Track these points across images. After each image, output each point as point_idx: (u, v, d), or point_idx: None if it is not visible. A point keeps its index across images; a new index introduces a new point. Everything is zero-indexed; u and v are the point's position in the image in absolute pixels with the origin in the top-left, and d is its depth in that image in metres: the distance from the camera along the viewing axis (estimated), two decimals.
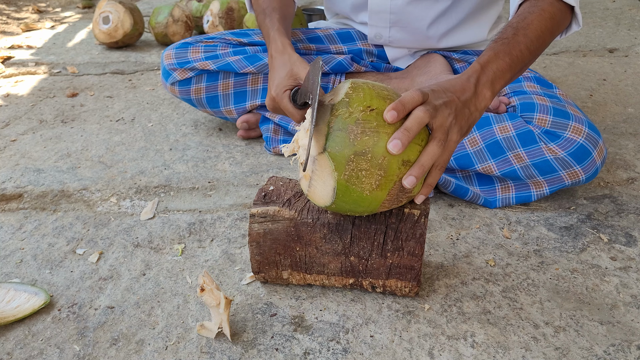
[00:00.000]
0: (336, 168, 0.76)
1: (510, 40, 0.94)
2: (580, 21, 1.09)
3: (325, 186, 0.79)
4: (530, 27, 0.97)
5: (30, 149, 1.49)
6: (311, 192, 0.82)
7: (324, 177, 0.79)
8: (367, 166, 0.76)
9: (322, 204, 0.81)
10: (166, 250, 1.07)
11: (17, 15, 3.18)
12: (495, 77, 0.89)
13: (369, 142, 0.75)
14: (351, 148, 0.75)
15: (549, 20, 1.00)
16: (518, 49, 0.94)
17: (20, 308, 0.90)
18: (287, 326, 0.87)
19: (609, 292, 0.94)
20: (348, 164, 0.76)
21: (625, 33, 2.53)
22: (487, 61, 0.89)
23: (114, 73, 2.15)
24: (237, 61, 1.42)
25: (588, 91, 1.84)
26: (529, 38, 0.96)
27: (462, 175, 1.23)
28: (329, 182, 0.78)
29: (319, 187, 0.80)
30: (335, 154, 0.76)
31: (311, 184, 0.81)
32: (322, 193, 0.80)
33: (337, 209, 0.82)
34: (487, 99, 0.87)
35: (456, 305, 0.91)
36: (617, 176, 1.30)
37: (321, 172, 0.79)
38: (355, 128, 0.76)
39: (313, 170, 0.80)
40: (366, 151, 0.75)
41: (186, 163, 1.40)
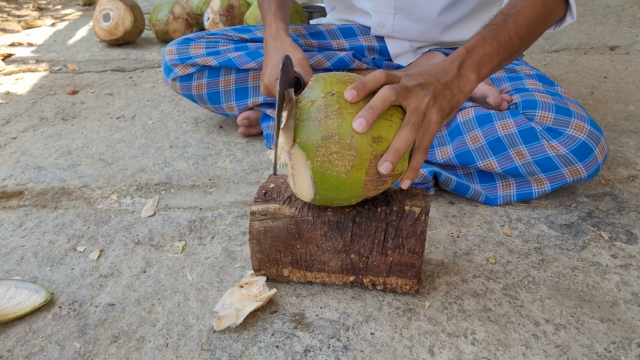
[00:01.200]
0: (308, 156, 0.77)
1: (499, 26, 0.93)
2: (575, 13, 1.08)
3: (305, 178, 0.80)
4: (521, 14, 0.96)
5: (30, 147, 1.49)
6: (297, 189, 0.83)
7: (301, 169, 0.79)
8: (337, 148, 0.76)
9: (308, 197, 0.82)
10: (167, 248, 1.07)
11: (18, 12, 3.18)
12: (482, 61, 0.89)
13: (334, 124, 0.76)
14: (318, 134, 0.76)
15: (541, 8, 0.99)
16: (507, 35, 0.93)
17: (21, 305, 0.90)
18: (288, 323, 0.87)
19: (609, 289, 0.94)
20: (318, 150, 0.76)
21: (626, 30, 2.52)
22: (474, 45, 0.89)
23: (114, 70, 2.15)
24: (239, 57, 1.41)
25: (589, 89, 1.84)
26: (519, 24, 0.95)
27: (463, 172, 1.23)
28: (305, 173, 0.79)
29: (300, 182, 0.81)
30: (304, 144, 0.77)
31: (295, 181, 0.82)
32: (304, 187, 0.81)
33: (323, 200, 0.82)
34: (472, 81, 0.87)
35: (457, 302, 0.91)
36: (618, 174, 1.30)
37: (298, 166, 0.80)
38: (319, 114, 0.77)
39: (292, 166, 0.81)
40: (332, 134, 0.76)
41: (187, 160, 1.40)
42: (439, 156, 1.21)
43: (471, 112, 1.19)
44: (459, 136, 1.18)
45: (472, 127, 1.17)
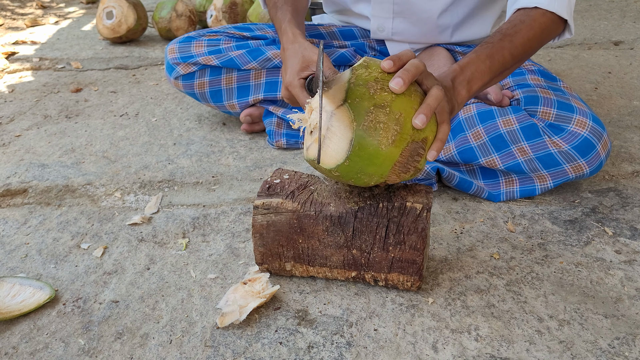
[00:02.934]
0: (355, 118, 0.78)
1: (495, 45, 0.98)
2: (573, 30, 1.12)
3: (341, 141, 0.79)
4: (518, 35, 1.01)
5: (34, 144, 1.50)
6: (323, 153, 0.81)
7: (341, 131, 0.79)
8: (385, 119, 0.78)
9: (334, 162, 0.80)
10: (170, 245, 1.07)
11: (21, 11, 3.19)
12: (473, 77, 0.94)
13: (388, 97, 0.79)
14: (371, 101, 0.78)
15: (538, 30, 1.04)
16: (501, 54, 0.98)
17: (26, 302, 0.91)
18: (291, 320, 0.87)
19: (613, 285, 0.94)
20: (367, 115, 0.78)
21: (630, 25, 2.51)
22: (467, 63, 0.95)
23: (117, 68, 2.15)
24: (240, 56, 1.41)
25: (593, 84, 1.83)
26: (514, 45, 1.00)
27: (466, 169, 1.22)
28: (346, 135, 0.78)
29: (332, 145, 0.80)
30: (355, 105, 0.78)
31: (324, 143, 0.80)
32: (336, 149, 0.80)
33: (347, 170, 0.80)
34: (463, 97, 0.93)
35: (460, 298, 0.91)
36: (622, 169, 1.30)
37: (338, 127, 0.79)
38: (375, 84, 0.80)
39: (328, 128, 0.80)
40: (385, 105, 0.78)
41: (190, 158, 1.41)
42: (442, 153, 1.21)
43: (473, 108, 1.19)
44: (461, 133, 1.18)
45: (474, 124, 1.17)
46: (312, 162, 0.84)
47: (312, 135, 0.84)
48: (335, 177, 0.84)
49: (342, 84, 0.81)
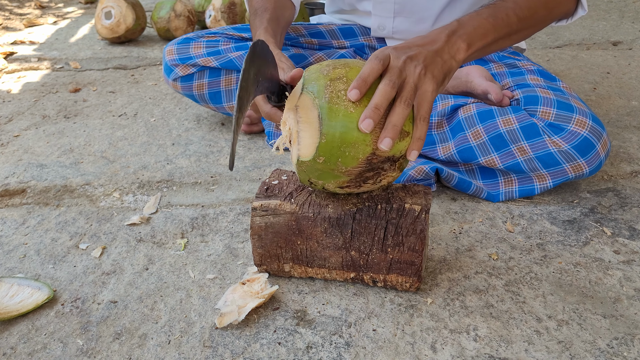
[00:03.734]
0: (317, 95, 0.78)
1: (497, 5, 0.94)
2: (586, 5, 1.08)
3: (311, 122, 0.78)
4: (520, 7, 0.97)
5: (33, 144, 1.50)
6: (302, 147, 0.80)
7: (308, 115, 0.79)
8: (345, 86, 0.78)
9: (313, 147, 0.78)
10: (169, 245, 1.07)
11: (20, 10, 3.19)
12: (475, 33, 0.89)
13: (342, 71, 0.80)
14: (326, 78, 0.79)
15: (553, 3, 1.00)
16: (504, 13, 0.93)
17: (24, 303, 0.91)
18: (290, 320, 0.87)
19: (612, 285, 0.94)
20: (326, 89, 0.78)
21: (629, 26, 2.51)
22: (467, 18, 0.90)
23: (116, 68, 2.15)
24: (239, 57, 1.41)
25: (592, 84, 1.83)
26: (518, 5, 0.95)
27: (465, 168, 1.22)
28: (313, 115, 0.78)
29: (306, 132, 0.79)
30: (312, 87, 0.79)
31: (300, 137, 0.80)
32: (310, 134, 0.78)
33: (328, 147, 0.77)
34: (463, 50, 0.87)
35: (459, 299, 0.91)
36: (620, 169, 1.30)
37: (304, 115, 0.79)
38: (327, 68, 0.82)
39: (297, 122, 0.80)
40: (341, 77, 0.79)
41: (189, 158, 1.40)
42: (441, 153, 1.21)
43: (473, 108, 1.19)
44: (460, 132, 1.18)
45: (474, 123, 1.17)
46: (299, 167, 0.83)
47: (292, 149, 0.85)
48: (322, 170, 0.80)
49: (297, 85, 0.83)
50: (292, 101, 0.83)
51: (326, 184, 0.83)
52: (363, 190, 0.85)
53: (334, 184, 0.82)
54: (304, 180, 0.85)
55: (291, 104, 0.83)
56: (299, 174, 0.84)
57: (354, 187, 0.83)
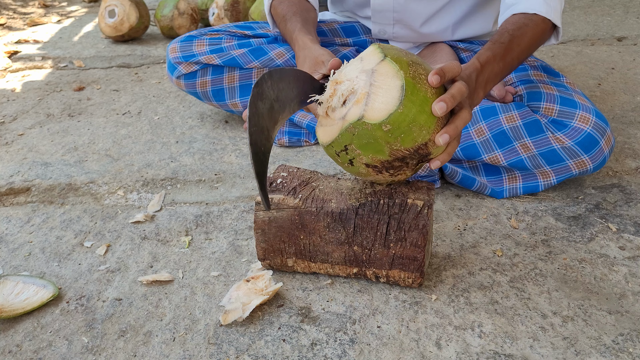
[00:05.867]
0: (401, 68, 0.78)
1: (506, 46, 1.00)
2: (560, 36, 1.15)
3: (390, 91, 0.78)
4: (524, 38, 1.04)
5: (37, 143, 1.50)
6: (369, 109, 0.78)
7: (387, 82, 0.78)
8: (424, 72, 0.80)
9: (386, 112, 0.77)
10: (173, 243, 1.07)
11: (24, 10, 3.19)
12: (489, 79, 0.96)
13: (417, 59, 0.82)
14: (406, 58, 0.81)
15: (539, 35, 1.08)
16: (510, 57, 1.01)
17: (29, 300, 0.91)
18: (294, 317, 0.87)
19: (617, 281, 0.93)
20: (410, 67, 0.79)
21: (634, 21, 2.50)
22: (486, 62, 0.96)
23: (120, 66, 2.15)
24: (242, 55, 1.41)
25: (596, 80, 1.82)
26: (521, 48, 1.03)
27: (469, 165, 1.22)
28: (394, 84, 0.78)
29: (379, 98, 0.78)
30: (396, 59, 0.79)
31: (369, 99, 0.78)
32: (385, 100, 0.78)
33: (400, 118, 0.77)
34: (480, 98, 0.95)
35: (463, 295, 0.91)
36: (625, 165, 1.29)
37: (383, 80, 0.79)
38: (403, 52, 0.83)
39: (371, 84, 0.79)
40: (419, 63, 0.81)
41: (193, 155, 1.41)
42: None
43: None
44: (464, 130, 1.18)
45: (477, 120, 1.16)
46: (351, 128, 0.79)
47: (337, 110, 0.82)
48: (375, 139, 0.78)
49: (373, 51, 0.83)
50: (367, 63, 0.81)
51: (359, 157, 0.81)
52: (378, 179, 0.86)
53: (367, 159, 0.81)
54: (338, 145, 0.81)
55: (366, 65, 0.81)
56: (339, 137, 0.80)
57: (377, 171, 0.83)
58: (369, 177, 0.86)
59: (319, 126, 0.86)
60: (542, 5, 1.07)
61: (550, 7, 1.08)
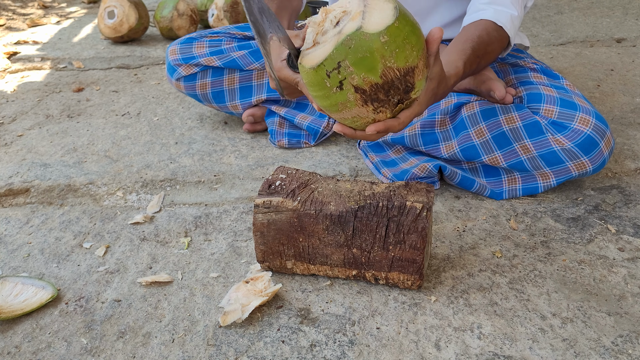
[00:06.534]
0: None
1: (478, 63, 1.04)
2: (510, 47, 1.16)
3: (384, 10, 0.78)
4: (490, 56, 1.08)
5: (36, 144, 1.50)
6: (367, 22, 0.77)
7: (380, 4, 0.78)
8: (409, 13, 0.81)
9: (383, 24, 0.76)
10: (172, 244, 1.07)
11: (23, 10, 3.19)
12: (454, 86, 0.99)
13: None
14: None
15: (498, 50, 1.11)
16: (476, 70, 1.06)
17: (28, 302, 0.91)
18: (294, 318, 0.87)
19: (616, 283, 0.93)
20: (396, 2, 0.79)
21: (632, 23, 2.51)
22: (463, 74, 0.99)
23: (119, 67, 2.15)
24: (243, 57, 1.41)
25: (596, 81, 1.82)
26: (484, 64, 1.07)
27: (469, 167, 1.22)
28: (387, 5, 0.78)
29: (375, 14, 0.78)
30: None
31: (365, 15, 0.78)
32: (381, 16, 0.77)
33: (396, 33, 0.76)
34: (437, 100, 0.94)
35: (463, 296, 0.91)
36: (625, 166, 1.29)
37: (376, 3, 0.79)
38: None
39: (365, 5, 0.79)
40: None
41: (192, 157, 1.40)
42: (444, 151, 1.21)
43: (476, 106, 1.19)
44: (463, 131, 1.18)
45: (477, 122, 1.16)
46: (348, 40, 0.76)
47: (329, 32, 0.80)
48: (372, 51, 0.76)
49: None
50: None
51: (351, 77, 0.78)
52: (360, 114, 0.82)
53: (359, 79, 0.78)
54: (330, 63, 0.78)
55: None
56: (333, 52, 0.77)
57: (363, 101, 0.80)
58: (350, 111, 0.82)
59: (304, 56, 0.82)
60: (508, 22, 1.10)
61: (514, 27, 1.12)
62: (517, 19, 1.13)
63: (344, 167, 1.33)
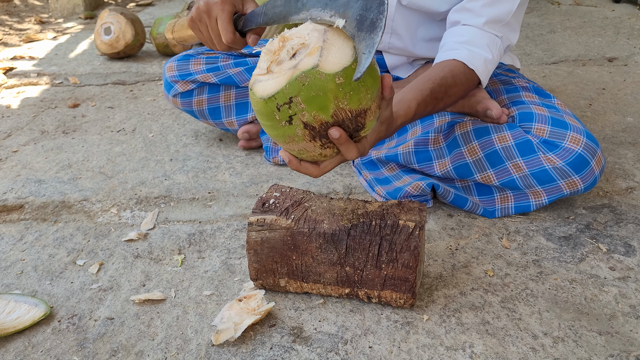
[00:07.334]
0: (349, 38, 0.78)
1: (434, 105, 1.07)
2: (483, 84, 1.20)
3: (343, 48, 0.77)
4: (451, 98, 1.11)
5: (31, 160, 1.50)
6: (324, 61, 0.76)
7: (340, 42, 0.77)
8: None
9: (340, 65, 0.76)
10: (166, 261, 1.08)
11: (20, 26, 3.20)
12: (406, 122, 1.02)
13: None
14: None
15: (466, 91, 1.15)
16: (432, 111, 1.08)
17: (21, 319, 0.91)
18: (286, 337, 0.87)
19: (607, 302, 0.94)
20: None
21: (624, 42, 2.54)
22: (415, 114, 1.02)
23: (115, 83, 2.16)
24: (239, 74, 1.43)
25: (587, 100, 1.84)
26: (441, 106, 1.10)
27: (462, 185, 1.23)
28: (347, 44, 0.77)
29: (334, 52, 0.77)
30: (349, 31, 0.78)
31: (323, 52, 0.77)
32: (339, 56, 0.76)
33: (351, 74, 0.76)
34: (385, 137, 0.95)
35: (455, 315, 0.91)
36: (616, 185, 1.31)
37: (336, 39, 0.78)
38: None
39: (324, 40, 0.78)
40: None
41: (186, 173, 1.41)
42: (438, 169, 1.22)
43: (469, 124, 1.20)
44: (456, 148, 1.19)
45: (470, 140, 1.18)
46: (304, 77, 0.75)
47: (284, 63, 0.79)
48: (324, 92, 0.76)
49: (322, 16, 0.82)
50: (318, 26, 0.80)
51: (301, 113, 0.77)
52: (306, 148, 0.82)
53: (309, 117, 0.77)
54: (282, 97, 0.77)
55: (317, 27, 0.80)
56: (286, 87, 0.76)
57: (311, 137, 0.80)
58: (297, 144, 0.82)
59: (256, 83, 0.81)
60: (481, 65, 1.13)
61: (487, 70, 1.15)
62: (491, 62, 1.16)
63: (338, 184, 1.34)
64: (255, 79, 0.81)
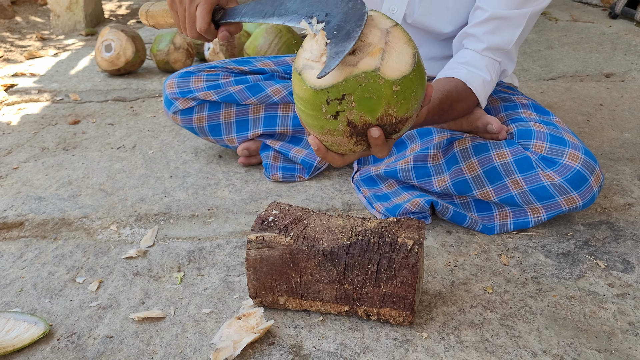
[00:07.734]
0: (409, 39, 0.79)
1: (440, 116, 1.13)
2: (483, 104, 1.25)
3: (403, 55, 0.77)
4: (455, 112, 1.17)
5: (31, 177, 1.51)
6: (385, 64, 0.76)
7: (400, 47, 0.77)
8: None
9: (399, 73, 0.76)
10: (165, 279, 1.08)
11: (21, 42, 3.23)
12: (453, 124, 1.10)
13: None
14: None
15: (465, 110, 1.21)
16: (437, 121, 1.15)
17: (20, 338, 0.91)
18: (285, 355, 0.87)
19: (606, 319, 0.94)
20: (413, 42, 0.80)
21: (621, 58, 2.55)
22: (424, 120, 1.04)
23: (115, 100, 2.17)
24: (239, 92, 1.43)
25: (585, 116, 1.85)
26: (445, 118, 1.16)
27: (460, 201, 1.24)
28: (407, 50, 0.77)
29: (394, 57, 0.76)
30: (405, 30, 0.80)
31: (385, 55, 0.76)
32: (399, 62, 0.76)
33: (408, 84, 0.77)
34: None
35: (454, 333, 0.91)
36: (614, 202, 1.31)
37: (396, 43, 0.77)
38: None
39: (386, 42, 0.77)
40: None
41: (186, 190, 1.41)
42: (437, 185, 1.22)
43: (468, 141, 1.21)
44: (455, 165, 1.20)
45: (469, 156, 1.18)
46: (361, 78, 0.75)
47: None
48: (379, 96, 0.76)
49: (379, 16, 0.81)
50: (379, 23, 0.79)
51: (349, 111, 0.77)
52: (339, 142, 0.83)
53: (355, 116, 0.77)
54: (335, 92, 0.76)
55: (379, 24, 0.79)
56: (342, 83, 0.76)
57: (349, 134, 0.80)
58: (333, 137, 0.82)
59: (306, 68, 0.79)
60: (479, 85, 1.18)
61: (485, 90, 1.20)
62: (489, 83, 1.20)
63: (337, 201, 1.34)
64: (306, 63, 0.79)
